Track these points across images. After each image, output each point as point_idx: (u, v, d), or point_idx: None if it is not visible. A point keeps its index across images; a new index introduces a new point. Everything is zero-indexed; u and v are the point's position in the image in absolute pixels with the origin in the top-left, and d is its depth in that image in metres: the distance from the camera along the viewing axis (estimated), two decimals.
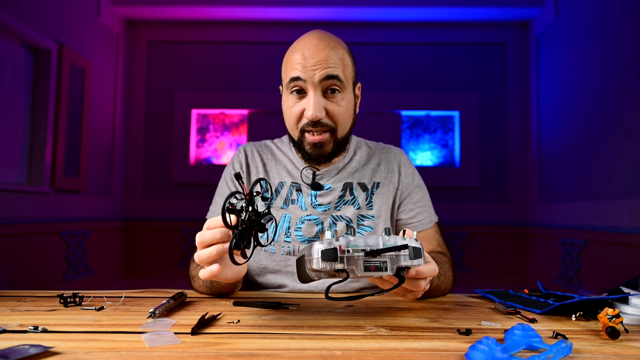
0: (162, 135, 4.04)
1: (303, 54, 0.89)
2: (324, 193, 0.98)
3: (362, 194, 0.99)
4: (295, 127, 0.93)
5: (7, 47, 2.74)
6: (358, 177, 1.01)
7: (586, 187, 3.03)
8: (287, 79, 0.91)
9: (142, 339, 0.56)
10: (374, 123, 3.97)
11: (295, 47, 0.92)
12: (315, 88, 0.88)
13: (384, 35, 4.01)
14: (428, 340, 0.57)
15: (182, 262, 3.94)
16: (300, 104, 0.91)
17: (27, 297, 0.82)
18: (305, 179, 0.99)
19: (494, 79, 4.01)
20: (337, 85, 0.90)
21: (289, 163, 1.02)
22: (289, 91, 0.92)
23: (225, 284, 0.81)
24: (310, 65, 0.88)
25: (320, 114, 0.88)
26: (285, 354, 0.51)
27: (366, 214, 0.98)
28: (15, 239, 2.67)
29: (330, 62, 0.88)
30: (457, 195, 3.94)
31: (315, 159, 0.95)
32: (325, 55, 0.88)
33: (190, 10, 3.79)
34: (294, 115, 0.92)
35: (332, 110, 0.90)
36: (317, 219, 0.97)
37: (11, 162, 2.81)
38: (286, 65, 0.93)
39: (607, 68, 2.81)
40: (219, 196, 1.04)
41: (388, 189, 1.01)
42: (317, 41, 0.90)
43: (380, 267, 0.60)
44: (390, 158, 1.05)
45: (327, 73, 0.88)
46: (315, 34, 0.93)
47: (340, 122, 0.92)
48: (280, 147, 1.06)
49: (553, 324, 0.67)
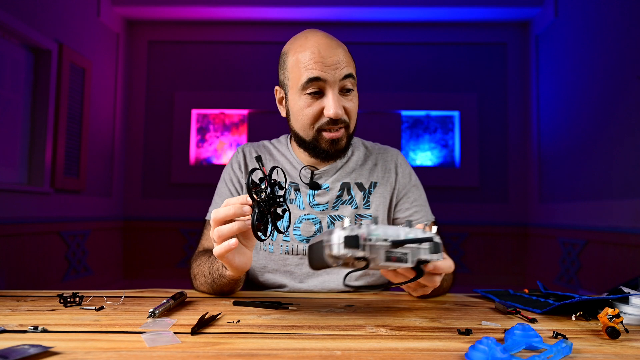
0: (162, 135, 4.04)
1: (319, 52, 0.88)
2: (321, 192, 0.98)
3: (359, 193, 1.00)
4: (310, 127, 0.92)
5: (7, 47, 2.74)
6: (355, 177, 1.01)
7: (586, 187, 3.03)
8: (301, 80, 0.89)
9: (142, 338, 0.56)
10: (374, 123, 3.97)
11: (305, 45, 0.90)
12: (334, 87, 0.89)
13: (384, 35, 4.01)
14: (428, 340, 0.57)
15: (182, 262, 3.94)
16: (317, 103, 0.90)
17: (27, 297, 0.82)
18: (303, 178, 0.99)
19: (494, 79, 4.01)
20: (351, 84, 0.91)
21: (286, 163, 1.02)
22: (302, 92, 0.90)
23: (227, 281, 0.81)
24: (329, 64, 0.87)
25: (342, 112, 0.90)
26: (285, 354, 0.51)
27: (364, 213, 0.99)
28: (15, 239, 2.67)
29: (344, 60, 0.89)
30: (457, 195, 3.94)
31: (333, 155, 0.95)
32: (341, 54, 0.89)
33: (190, 10, 3.79)
34: (310, 115, 0.91)
35: (348, 107, 0.92)
36: (315, 219, 0.97)
37: (11, 162, 2.81)
38: (296, 65, 0.90)
39: (607, 68, 2.81)
40: (219, 197, 1.04)
41: (385, 189, 1.01)
42: (328, 40, 0.90)
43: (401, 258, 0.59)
44: (387, 158, 1.05)
45: (346, 72, 0.89)
46: (322, 33, 0.92)
47: (352, 118, 0.95)
48: (278, 147, 1.06)
49: (553, 323, 0.67)
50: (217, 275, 0.82)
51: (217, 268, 0.82)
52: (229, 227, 0.67)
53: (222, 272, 0.80)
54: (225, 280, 0.81)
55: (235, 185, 1.03)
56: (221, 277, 0.81)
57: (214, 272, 0.82)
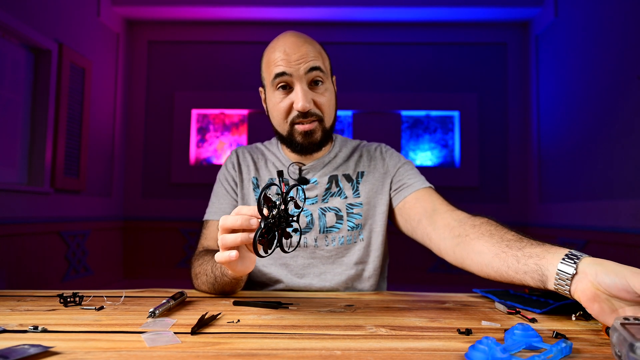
0: (162, 135, 4.04)
1: (284, 51, 0.93)
2: (310, 187, 1.02)
3: (347, 184, 1.04)
4: (284, 121, 0.97)
5: (7, 47, 2.74)
6: (343, 169, 1.05)
7: (586, 187, 3.03)
8: (271, 77, 0.95)
9: (142, 338, 0.56)
10: (374, 123, 3.97)
11: (275, 46, 0.96)
12: (301, 81, 0.93)
13: (384, 35, 4.01)
14: (428, 340, 0.57)
15: (182, 262, 3.94)
16: (288, 98, 0.95)
17: (27, 296, 0.82)
18: (292, 174, 1.03)
19: (494, 79, 4.01)
20: (320, 77, 0.95)
21: (276, 161, 1.07)
22: (274, 88, 0.96)
23: (229, 280, 0.81)
24: (294, 60, 0.92)
25: (309, 104, 0.93)
26: (285, 354, 0.51)
27: (354, 202, 1.02)
28: (15, 239, 2.67)
29: (310, 55, 0.94)
30: (457, 195, 3.94)
31: (307, 147, 0.98)
32: (306, 50, 0.94)
33: (190, 10, 3.79)
34: (282, 110, 0.96)
35: (319, 101, 0.95)
36: (306, 211, 1.01)
37: (11, 162, 2.81)
38: (268, 64, 0.97)
39: (607, 68, 2.81)
40: (215, 198, 1.07)
41: (374, 176, 1.05)
42: (294, 38, 0.95)
43: None
44: (370, 149, 1.10)
45: (311, 65, 0.93)
46: (291, 33, 0.98)
47: (326, 111, 0.97)
48: (269, 147, 1.11)
49: (553, 323, 0.67)
50: (219, 273, 0.82)
51: (219, 266, 0.82)
52: (233, 238, 0.67)
53: (224, 271, 0.81)
54: (227, 279, 0.81)
55: (230, 183, 1.06)
56: (223, 275, 0.81)
57: (216, 271, 0.83)
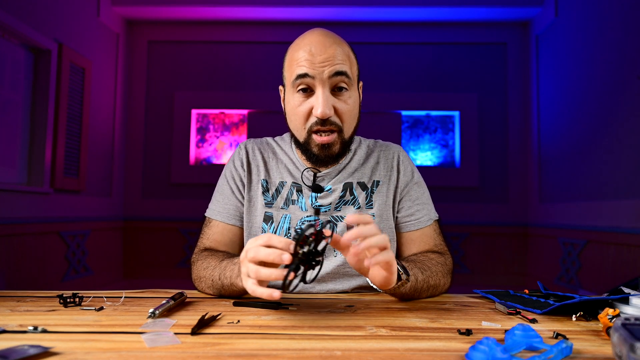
0: (162, 135, 4.04)
1: (310, 50, 0.86)
2: (324, 194, 0.96)
3: (362, 193, 0.98)
4: (302, 128, 0.90)
5: (7, 47, 2.74)
6: (358, 176, 0.99)
7: (586, 187, 3.03)
8: (292, 77, 0.88)
9: (141, 339, 0.55)
10: (374, 123, 3.97)
11: (300, 44, 0.89)
12: (324, 85, 0.86)
13: (384, 35, 4.01)
14: (428, 340, 0.57)
15: (182, 262, 3.94)
16: (308, 102, 0.88)
17: (27, 297, 0.82)
18: (306, 180, 0.98)
19: (494, 79, 4.01)
20: (345, 83, 0.88)
21: (289, 163, 1.00)
22: (294, 90, 0.89)
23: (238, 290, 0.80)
24: (318, 62, 0.85)
25: (330, 111, 0.86)
26: (285, 354, 0.51)
27: (367, 213, 0.97)
28: (15, 239, 2.67)
29: (338, 58, 0.87)
30: (457, 195, 3.94)
31: (323, 160, 0.92)
32: (333, 52, 0.86)
33: (190, 10, 3.79)
34: (301, 114, 0.89)
35: (340, 109, 0.88)
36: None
37: (11, 162, 2.81)
38: (290, 63, 0.90)
39: (607, 68, 2.81)
40: (220, 195, 1.02)
41: (388, 188, 1.00)
42: (323, 38, 0.88)
43: None
44: (388, 155, 1.03)
45: (336, 69, 0.86)
46: (320, 31, 0.91)
47: (346, 121, 0.90)
48: (282, 145, 1.03)
49: (553, 324, 0.67)
50: (229, 283, 0.80)
51: (229, 276, 0.80)
52: (268, 274, 0.64)
53: (234, 281, 0.78)
54: (237, 289, 0.79)
55: (237, 183, 1.00)
56: (232, 285, 0.79)
57: (225, 280, 0.81)
